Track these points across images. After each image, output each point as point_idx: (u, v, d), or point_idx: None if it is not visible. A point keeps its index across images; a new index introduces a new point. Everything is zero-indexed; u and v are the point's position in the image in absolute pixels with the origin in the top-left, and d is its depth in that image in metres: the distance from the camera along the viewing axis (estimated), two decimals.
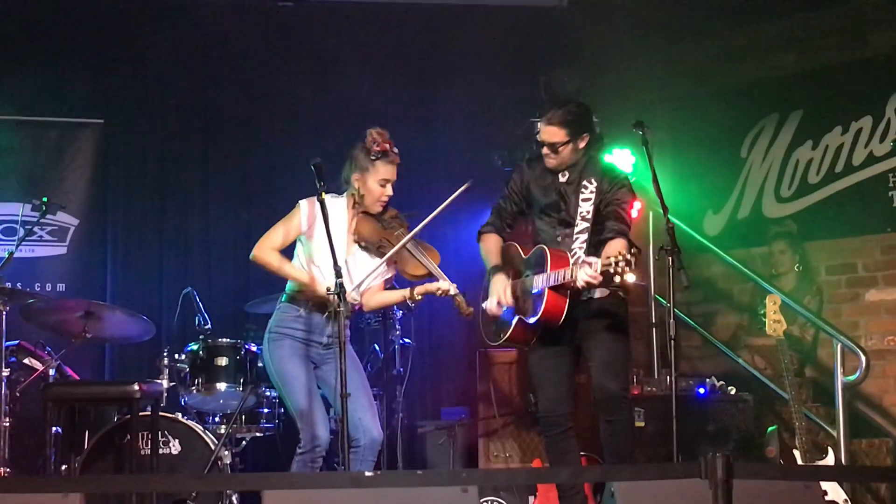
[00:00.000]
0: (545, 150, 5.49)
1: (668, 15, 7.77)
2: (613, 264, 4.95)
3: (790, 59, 7.98)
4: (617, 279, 4.97)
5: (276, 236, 5.49)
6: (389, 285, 5.74)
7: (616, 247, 5.19)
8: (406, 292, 5.56)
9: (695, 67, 8.28)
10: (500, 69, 8.10)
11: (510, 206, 5.72)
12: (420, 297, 5.55)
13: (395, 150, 5.53)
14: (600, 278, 5.03)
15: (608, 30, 7.77)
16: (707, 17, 7.87)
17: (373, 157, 5.48)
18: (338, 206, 5.49)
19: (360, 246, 5.50)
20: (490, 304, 5.53)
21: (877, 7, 7.62)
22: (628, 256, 4.94)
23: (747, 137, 8.12)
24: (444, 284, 5.42)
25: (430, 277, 5.50)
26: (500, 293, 5.50)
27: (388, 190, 5.54)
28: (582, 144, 5.48)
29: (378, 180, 5.50)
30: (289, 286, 5.56)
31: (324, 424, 5.42)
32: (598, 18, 7.65)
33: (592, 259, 5.08)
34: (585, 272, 5.04)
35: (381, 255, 5.45)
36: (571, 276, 5.14)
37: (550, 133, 5.45)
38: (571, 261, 5.29)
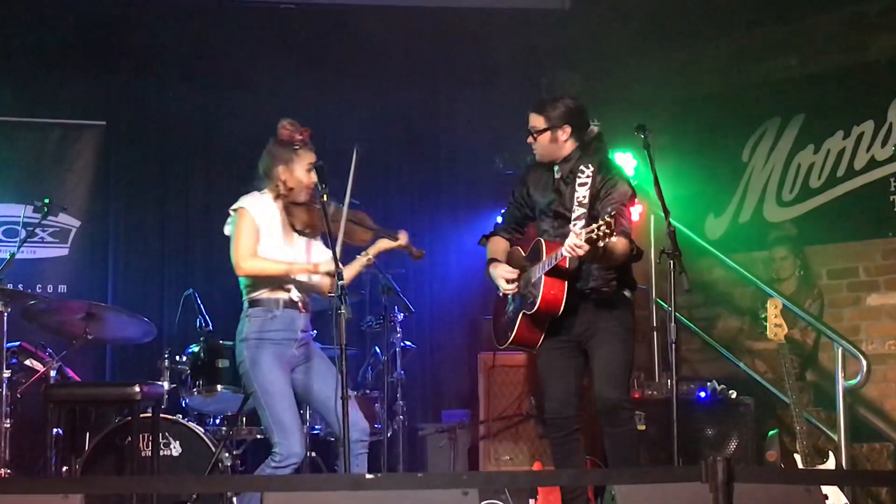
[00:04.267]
0: (529, 138, 5.56)
1: (671, 18, 7.78)
2: (595, 229, 4.94)
3: (792, 63, 7.97)
4: (601, 243, 4.95)
5: (248, 243, 5.39)
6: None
7: (620, 243, 5.18)
8: (363, 259, 5.54)
9: (697, 71, 8.28)
10: (503, 72, 8.11)
11: (515, 211, 5.77)
12: (373, 257, 5.58)
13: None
14: (585, 245, 5.00)
15: (610, 33, 7.78)
16: (709, 20, 7.88)
17: (296, 147, 5.50)
18: (267, 203, 5.47)
19: (301, 234, 5.48)
20: (502, 286, 5.55)
21: (879, 12, 7.61)
22: (608, 219, 4.92)
23: (749, 141, 8.11)
24: (400, 238, 5.52)
25: (376, 237, 5.56)
26: (503, 274, 5.53)
27: (314, 175, 5.50)
28: (563, 137, 5.47)
29: (305, 167, 5.49)
30: (252, 291, 5.46)
31: (302, 439, 5.40)
32: (600, 21, 7.65)
33: (576, 230, 5.09)
34: (569, 240, 5.04)
35: (318, 236, 5.52)
36: (562, 254, 5.15)
37: (532, 118, 5.55)
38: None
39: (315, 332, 5.57)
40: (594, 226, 4.97)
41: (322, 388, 5.37)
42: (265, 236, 5.41)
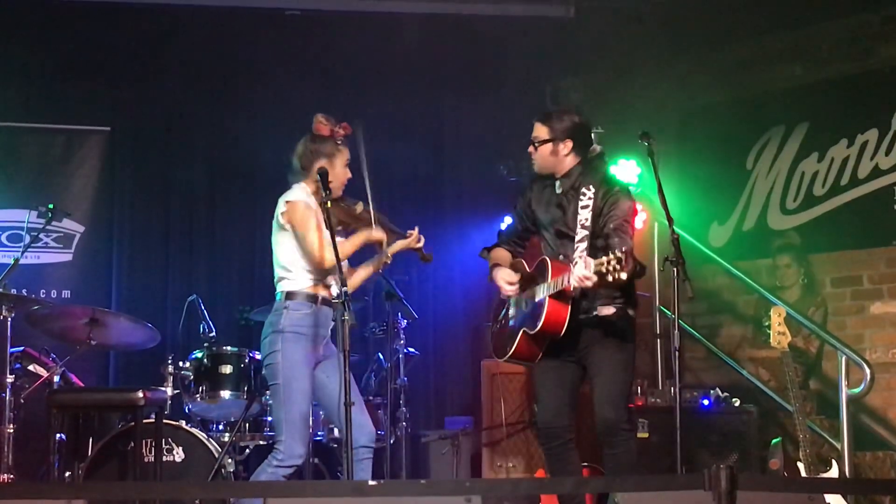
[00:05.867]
0: (530, 148, 5.56)
1: (675, 27, 7.78)
2: (606, 263, 4.93)
3: (797, 71, 7.98)
4: (610, 278, 4.94)
5: (321, 235, 5.36)
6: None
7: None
8: (380, 259, 5.56)
9: (701, 79, 8.28)
10: (507, 79, 8.12)
11: (516, 224, 5.78)
12: (391, 256, 5.62)
13: None
14: (594, 278, 4.99)
15: (615, 41, 7.79)
16: (714, 29, 7.88)
17: (338, 142, 5.51)
18: (312, 201, 5.45)
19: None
20: (503, 289, 5.55)
21: (884, 20, 7.62)
22: (619, 254, 4.92)
23: (753, 149, 8.12)
24: (413, 238, 5.53)
25: (395, 237, 5.58)
26: (505, 277, 5.54)
27: (348, 171, 5.54)
28: (564, 151, 5.48)
29: (344, 163, 5.51)
30: (291, 284, 5.46)
31: (307, 442, 5.44)
32: (605, 29, 7.66)
33: (587, 260, 5.07)
34: (578, 270, 5.03)
35: (345, 234, 5.52)
36: (569, 280, 5.14)
37: (536, 128, 5.56)
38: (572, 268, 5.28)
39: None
40: (604, 259, 4.94)
41: (336, 389, 5.30)
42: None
